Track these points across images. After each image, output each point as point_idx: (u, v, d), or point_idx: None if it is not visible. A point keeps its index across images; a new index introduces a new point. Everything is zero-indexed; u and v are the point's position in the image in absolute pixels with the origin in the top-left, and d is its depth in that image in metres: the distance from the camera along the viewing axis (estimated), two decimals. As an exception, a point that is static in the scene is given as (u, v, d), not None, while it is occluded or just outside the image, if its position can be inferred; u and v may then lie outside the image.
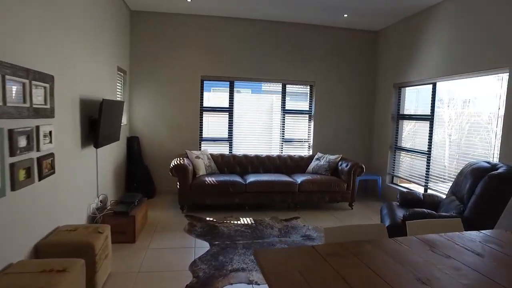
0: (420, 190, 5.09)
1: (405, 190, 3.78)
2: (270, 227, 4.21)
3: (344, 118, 6.13)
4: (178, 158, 4.81)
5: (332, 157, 5.45)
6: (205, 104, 5.77)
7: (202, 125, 5.77)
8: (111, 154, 4.35)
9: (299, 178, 5.04)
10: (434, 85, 4.74)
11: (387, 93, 5.74)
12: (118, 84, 4.83)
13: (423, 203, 3.66)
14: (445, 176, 4.65)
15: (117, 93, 4.77)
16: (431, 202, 3.65)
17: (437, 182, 4.72)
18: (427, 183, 4.89)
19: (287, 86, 5.99)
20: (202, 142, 5.82)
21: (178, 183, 4.61)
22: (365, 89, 6.17)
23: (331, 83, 6.02)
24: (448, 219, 2.17)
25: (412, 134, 5.54)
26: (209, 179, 4.73)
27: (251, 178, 4.95)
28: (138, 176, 5.22)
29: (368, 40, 6.07)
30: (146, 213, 4.19)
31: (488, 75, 3.85)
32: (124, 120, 5.23)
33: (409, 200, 3.70)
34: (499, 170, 2.92)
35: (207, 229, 4.07)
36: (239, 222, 4.37)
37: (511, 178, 2.86)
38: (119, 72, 4.79)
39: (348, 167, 5.10)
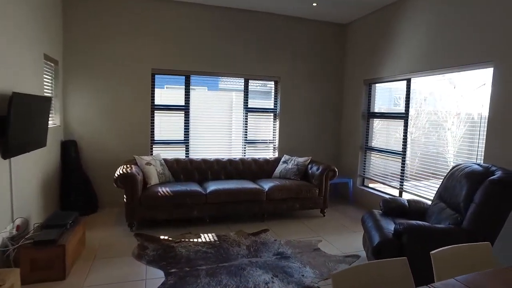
0: (394, 192, 4.79)
1: (388, 197, 3.40)
2: (236, 245, 3.60)
3: (311, 116, 5.69)
4: (125, 166, 4.03)
5: (301, 159, 4.98)
6: (157, 101, 5.00)
7: (153, 126, 5.01)
8: (37, 163, 3.47)
9: (266, 184, 4.49)
10: (409, 81, 4.43)
11: (357, 90, 5.39)
12: (47, 76, 3.93)
13: (408, 211, 3.28)
14: (418, 176, 4.36)
15: (46, 87, 3.87)
16: (417, 209, 3.28)
17: (411, 183, 4.43)
18: (402, 185, 4.59)
19: (250, 81, 5.42)
20: (154, 146, 5.05)
21: (125, 195, 3.84)
22: (334, 85, 5.78)
23: (297, 79, 5.55)
24: (475, 244, 1.72)
25: (377, 132, 5.24)
26: (162, 190, 4.01)
27: (212, 186, 4.31)
28: (75, 189, 4.34)
29: (337, 34, 5.68)
30: (84, 236, 3.38)
31: (470, 70, 3.57)
32: (57, 121, 4.32)
33: (393, 208, 3.30)
34: (498, 175, 2.59)
35: (161, 251, 3.36)
36: (199, 239, 3.71)
37: (513, 184, 2.53)
38: (47, 62, 3.89)
39: (319, 171, 4.65)
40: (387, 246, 2.63)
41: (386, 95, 5.57)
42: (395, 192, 4.74)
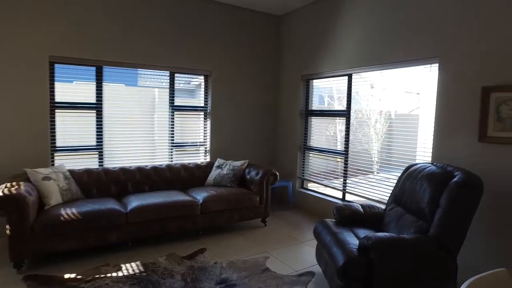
0: (337, 194, 4.55)
1: (341, 203, 3.07)
2: (168, 275, 2.90)
3: (246, 115, 5.19)
4: (9, 184, 3.01)
5: (237, 163, 4.45)
6: (59, 98, 3.97)
7: (54, 129, 3.97)
8: None
9: (200, 195, 3.85)
10: (350, 77, 4.22)
11: (295, 86, 5.06)
12: None
13: (364, 218, 2.97)
14: (351, 175, 4.19)
15: None
16: (372, 216, 2.99)
17: (349, 182, 4.24)
18: (345, 185, 4.37)
19: (176, 76, 4.69)
20: (56, 155, 4.01)
21: (8, 225, 2.83)
22: (270, 81, 5.37)
23: (230, 73, 5.00)
24: (493, 272, 1.37)
25: (316, 131, 5.00)
26: (67, 211, 3.10)
27: (134, 201, 3.51)
28: None
29: (272, 25, 5.27)
30: None
31: (415, 65, 3.43)
32: None
33: (347, 216, 2.96)
34: (461, 176, 2.38)
35: (65, 298, 2.51)
36: (120, 273, 2.92)
37: (479, 184, 2.35)
38: None
39: (259, 175, 4.17)
40: (356, 267, 2.24)
41: (326, 91, 5.38)
42: (338, 194, 4.52)
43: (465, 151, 2.93)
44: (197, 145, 4.99)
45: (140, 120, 4.53)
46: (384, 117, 7.09)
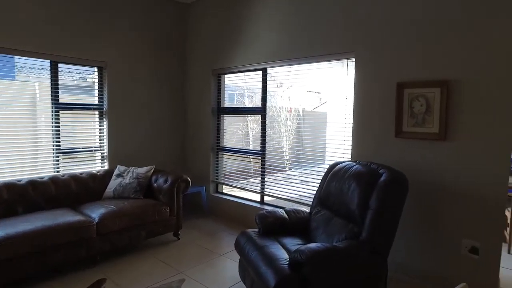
0: (254, 197, 4.28)
1: (264, 211, 2.76)
2: (51, 325, 2.20)
3: (150, 114, 4.55)
4: None
5: (142, 170, 3.82)
6: None
7: None
8: None
9: (96, 212, 3.15)
10: (265, 71, 3.97)
11: (205, 82, 4.61)
12: None
13: (290, 225, 2.72)
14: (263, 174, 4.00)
15: None
16: (298, 221, 2.77)
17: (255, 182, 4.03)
18: (263, 188, 4.12)
19: (60, 66, 3.79)
20: None
21: None
22: (178, 76, 4.80)
23: (131, 66, 4.29)
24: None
25: (229, 129, 4.68)
26: None
27: None
28: None
29: (179, 14, 4.70)
30: None
31: (332, 60, 3.33)
32: None
33: (271, 224, 2.67)
34: (388, 174, 2.30)
35: None
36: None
37: (405, 182, 2.28)
38: None
39: (169, 183, 3.62)
40: (288, 284, 1.94)
41: (237, 89, 5.07)
42: (256, 196, 4.25)
43: (384, 147, 2.92)
44: (91, 151, 4.17)
45: (16, 122, 3.53)
46: (294, 115, 7.20)
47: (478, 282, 2.52)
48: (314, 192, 3.48)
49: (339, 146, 3.35)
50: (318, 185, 3.47)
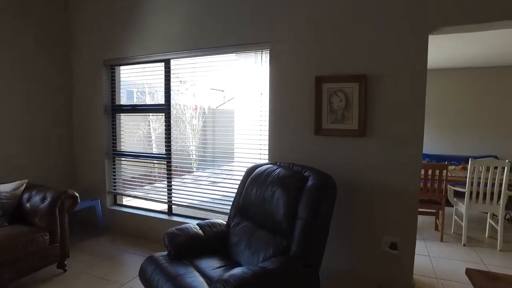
0: (161, 207, 3.72)
1: (173, 229, 2.27)
2: None
3: (25, 114, 3.55)
4: None
5: (5, 187, 2.92)
6: None
7: None
8: None
9: None
10: (168, 63, 3.43)
11: (95, 74, 3.82)
12: None
13: (206, 243, 2.31)
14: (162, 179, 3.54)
15: None
16: (215, 237, 2.37)
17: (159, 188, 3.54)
18: (170, 197, 3.59)
19: None
20: None
21: None
22: (58, 68, 3.85)
23: (-16, 51, 3.27)
24: None
25: (126, 131, 4.04)
26: None
27: None
28: None
29: (48, -11, 3.78)
30: None
31: (245, 51, 3.00)
32: None
33: (183, 244, 2.23)
34: (315, 177, 2.07)
35: None
36: None
37: (333, 184, 2.08)
38: None
39: (48, 202, 2.82)
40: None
41: (136, 85, 4.39)
42: (163, 207, 3.69)
43: (303, 145, 2.73)
44: None
45: None
46: (200, 113, 6.77)
47: (396, 276, 2.52)
48: (228, 197, 3.17)
49: (254, 146, 3.05)
50: (230, 187, 3.17)
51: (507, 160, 3.64)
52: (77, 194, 3.01)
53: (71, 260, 3.04)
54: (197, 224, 2.40)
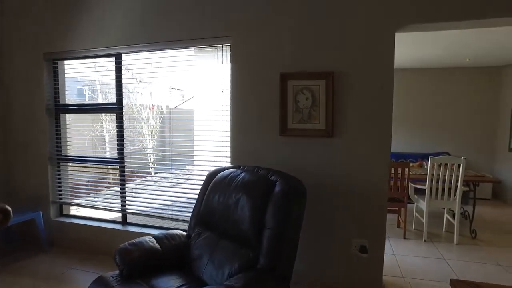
0: (114, 216, 3.39)
1: (126, 244, 2.01)
2: None
3: None
4: None
5: None
6: None
7: None
8: None
9: None
10: (119, 57, 3.12)
11: (34, 70, 3.38)
12: None
13: (164, 258, 2.07)
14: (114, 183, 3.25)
15: None
16: (174, 250, 2.14)
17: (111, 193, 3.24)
18: (124, 205, 3.28)
19: None
20: None
21: None
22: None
23: None
24: None
25: (73, 133, 3.66)
26: None
27: None
28: None
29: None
30: None
31: (203, 46, 2.78)
32: None
33: (138, 261, 1.99)
34: (282, 182, 1.92)
35: None
36: None
37: (303, 189, 1.94)
38: None
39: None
40: None
41: (87, 82, 4.00)
42: (117, 216, 3.37)
43: (268, 147, 2.57)
44: None
45: None
46: (157, 113, 6.42)
47: (367, 280, 2.45)
48: (189, 203, 2.93)
49: (216, 148, 2.85)
50: (191, 192, 2.94)
51: (462, 157, 3.75)
52: (9, 208, 2.60)
53: (5, 284, 2.64)
54: (154, 237, 2.16)
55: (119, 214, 3.31)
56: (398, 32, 2.26)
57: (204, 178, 2.37)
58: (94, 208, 3.43)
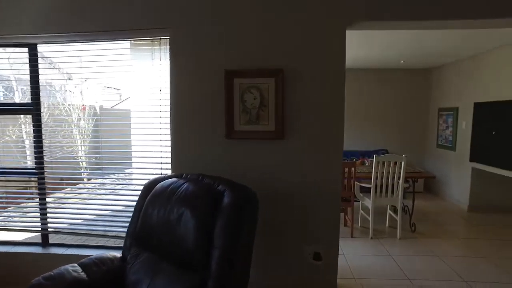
0: (33, 238, 2.88)
1: (40, 279, 1.60)
2: None
3: None
4: None
5: None
6: None
7: None
8: None
9: None
10: (33, 48, 2.63)
11: None
12: None
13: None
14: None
15: None
16: (105, 278, 1.80)
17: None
18: (45, 223, 2.80)
19: None
20: None
21: None
22: None
23: None
24: None
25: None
26: None
27: None
28: None
29: None
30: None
31: (140, 39, 2.44)
32: None
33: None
34: (231, 193, 1.69)
35: None
36: None
37: (254, 199, 1.73)
38: None
39: None
40: None
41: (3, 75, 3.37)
42: (36, 238, 2.86)
43: (214, 152, 2.33)
44: None
45: None
46: (90, 113, 5.81)
47: (321, 287, 2.34)
48: (126, 217, 2.58)
49: (155, 154, 2.53)
50: (126, 205, 2.60)
51: (403, 155, 3.87)
52: None
53: None
54: (78, 264, 1.80)
55: (38, 234, 2.81)
56: (350, 29, 2.17)
57: (140, 189, 2.05)
58: (3, 230, 2.88)
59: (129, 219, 2.03)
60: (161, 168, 2.52)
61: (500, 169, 4.38)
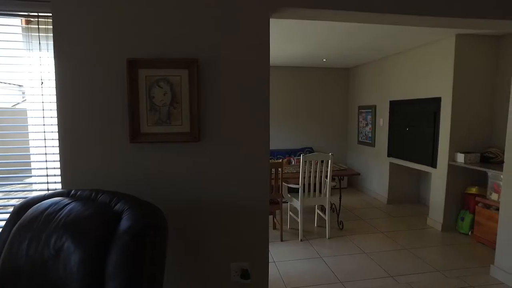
0: None
1: None
2: None
3: None
4: None
5: None
6: None
7: None
8: None
9: None
10: None
11: None
12: None
13: None
14: None
15: None
16: None
17: None
18: None
19: None
20: None
21: None
22: None
23: None
24: None
25: None
26: None
27: None
28: None
29: None
30: None
31: (8, 16, 1.87)
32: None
33: None
34: (132, 214, 1.31)
35: None
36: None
37: (162, 221, 1.36)
38: None
39: None
40: None
41: None
42: None
43: (115, 160, 1.88)
44: None
45: None
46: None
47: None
48: None
49: (39, 165, 1.99)
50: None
51: (330, 153, 3.82)
52: None
53: None
54: None
55: None
56: (274, 17, 1.93)
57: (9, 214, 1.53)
58: None
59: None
60: (47, 182, 1.99)
61: (409, 162, 4.71)
